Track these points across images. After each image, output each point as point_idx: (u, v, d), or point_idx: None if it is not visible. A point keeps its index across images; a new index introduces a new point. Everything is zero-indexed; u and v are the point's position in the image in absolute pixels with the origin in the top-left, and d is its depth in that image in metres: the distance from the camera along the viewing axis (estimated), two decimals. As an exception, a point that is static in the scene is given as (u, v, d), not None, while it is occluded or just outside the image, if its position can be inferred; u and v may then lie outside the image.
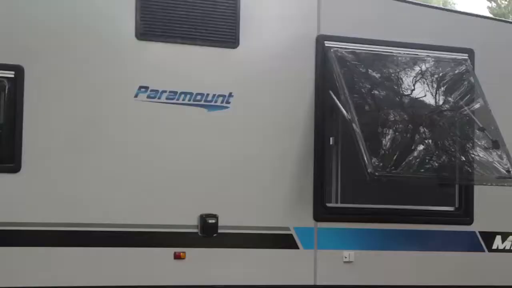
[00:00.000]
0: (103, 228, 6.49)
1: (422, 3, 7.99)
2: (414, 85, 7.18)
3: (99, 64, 6.57)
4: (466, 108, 7.24)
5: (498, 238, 7.61)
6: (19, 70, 6.36)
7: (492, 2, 40.44)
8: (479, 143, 7.16)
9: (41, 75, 6.42)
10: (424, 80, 7.24)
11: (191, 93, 6.74)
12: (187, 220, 6.70)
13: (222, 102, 6.81)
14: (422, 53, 7.35)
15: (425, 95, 7.17)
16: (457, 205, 7.55)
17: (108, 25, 6.63)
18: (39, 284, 6.32)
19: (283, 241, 6.95)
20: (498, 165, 7.05)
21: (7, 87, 6.36)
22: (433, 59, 7.37)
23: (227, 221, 6.76)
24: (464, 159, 7.05)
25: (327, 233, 7.10)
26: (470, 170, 7.06)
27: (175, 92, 6.71)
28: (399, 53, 7.30)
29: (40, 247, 6.37)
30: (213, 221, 6.70)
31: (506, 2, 39.97)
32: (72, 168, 6.44)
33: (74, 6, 6.57)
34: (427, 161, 6.93)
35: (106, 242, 6.50)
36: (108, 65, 6.60)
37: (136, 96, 6.62)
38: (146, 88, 6.63)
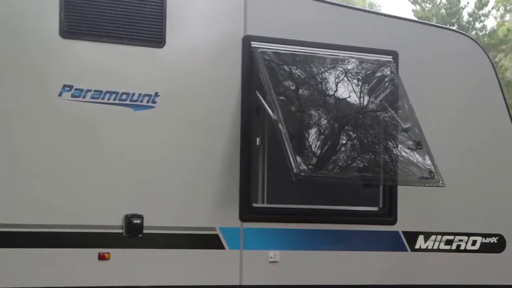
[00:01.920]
0: (25, 229, 6.37)
1: (347, 5, 8.07)
2: (339, 86, 7.24)
3: (23, 62, 6.45)
4: (390, 109, 7.33)
5: (421, 238, 7.71)
6: None
7: (417, 5, 41.23)
8: (402, 144, 7.26)
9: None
10: (349, 81, 7.30)
11: (116, 93, 6.67)
12: (112, 220, 6.62)
13: (148, 101, 6.76)
14: (347, 54, 7.41)
15: (350, 96, 7.23)
16: (381, 205, 7.63)
17: (32, 22, 6.50)
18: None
19: (209, 241, 6.93)
20: (421, 166, 7.16)
21: None
22: (358, 60, 7.44)
23: (153, 222, 6.70)
24: (388, 160, 7.14)
25: (253, 233, 7.10)
26: (394, 171, 7.15)
27: (100, 92, 6.62)
28: (325, 54, 7.34)
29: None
30: (138, 221, 6.63)
31: (430, 6, 40.77)
32: (-7, 167, 6.34)
33: (-4, 2, 6.46)
34: (352, 161, 6.99)
35: (29, 243, 6.38)
36: (31, 63, 6.47)
37: (60, 95, 6.51)
38: (71, 87, 6.53)
